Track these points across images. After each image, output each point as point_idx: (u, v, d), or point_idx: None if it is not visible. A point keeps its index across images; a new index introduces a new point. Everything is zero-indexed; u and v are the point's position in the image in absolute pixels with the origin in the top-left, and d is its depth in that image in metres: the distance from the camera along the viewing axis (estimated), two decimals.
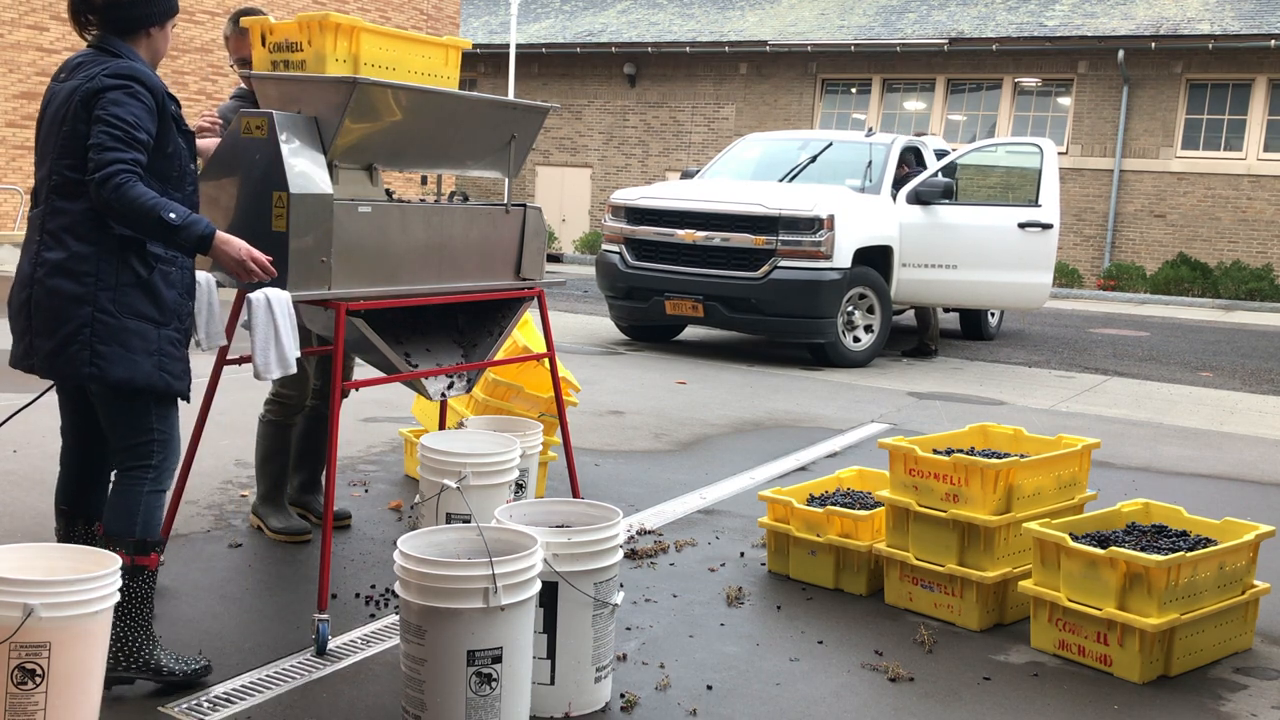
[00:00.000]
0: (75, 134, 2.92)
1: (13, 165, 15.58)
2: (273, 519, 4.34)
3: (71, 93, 2.94)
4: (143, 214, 2.86)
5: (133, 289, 2.96)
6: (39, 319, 2.94)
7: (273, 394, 4.32)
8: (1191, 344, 13.05)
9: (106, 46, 3.02)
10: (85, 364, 2.91)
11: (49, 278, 2.93)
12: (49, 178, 2.98)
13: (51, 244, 2.95)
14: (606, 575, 3.05)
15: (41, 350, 2.95)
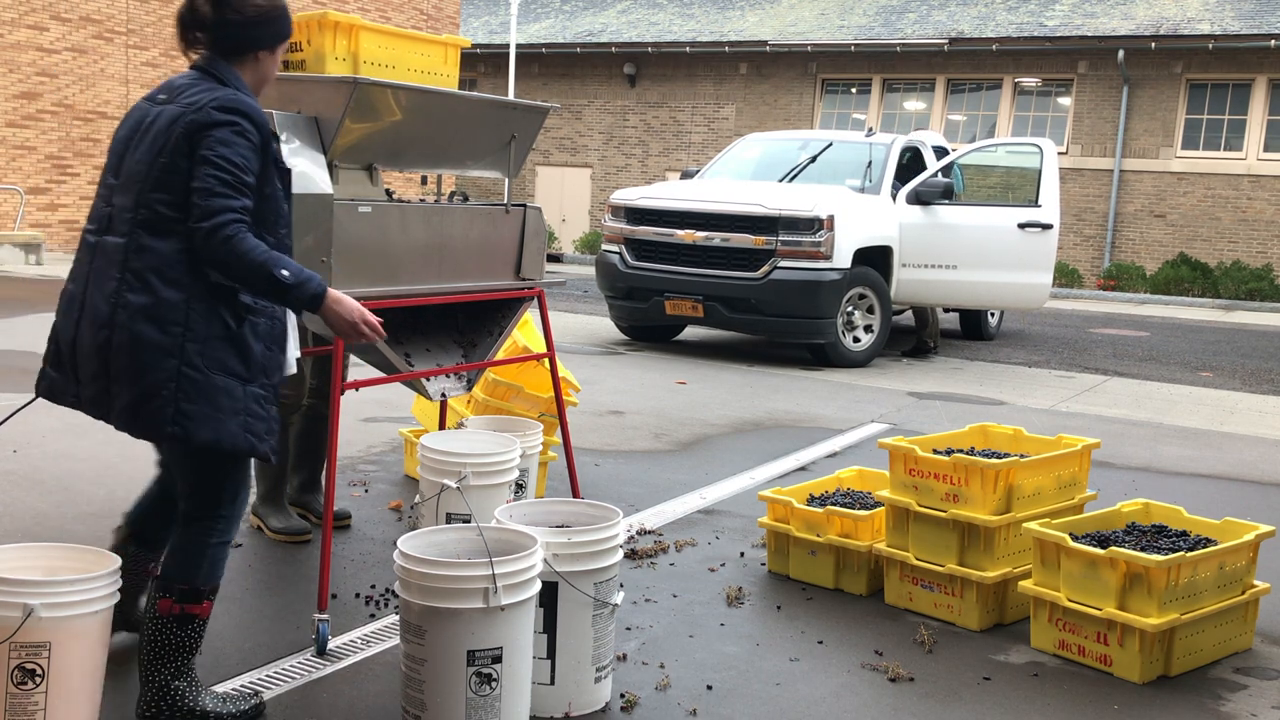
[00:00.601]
0: (173, 168, 2.71)
1: (13, 165, 15.58)
2: (273, 519, 4.34)
3: (174, 121, 2.73)
4: (253, 269, 2.68)
5: (221, 342, 2.74)
6: (118, 366, 2.69)
7: None
8: (1191, 344, 13.05)
9: (212, 70, 2.84)
10: (168, 422, 2.69)
11: (133, 323, 2.68)
12: (136, 210, 2.72)
13: (137, 285, 2.69)
14: (606, 575, 3.05)
15: (121, 400, 2.71)
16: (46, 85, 15.75)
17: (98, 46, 16.23)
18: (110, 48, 16.36)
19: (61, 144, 15.99)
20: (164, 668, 2.83)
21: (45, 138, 15.82)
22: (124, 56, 16.54)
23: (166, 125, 2.74)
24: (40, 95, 15.70)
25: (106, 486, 4.87)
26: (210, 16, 2.82)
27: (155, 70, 16.89)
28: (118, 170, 2.80)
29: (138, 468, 5.18)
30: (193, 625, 2.86)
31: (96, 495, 4.74)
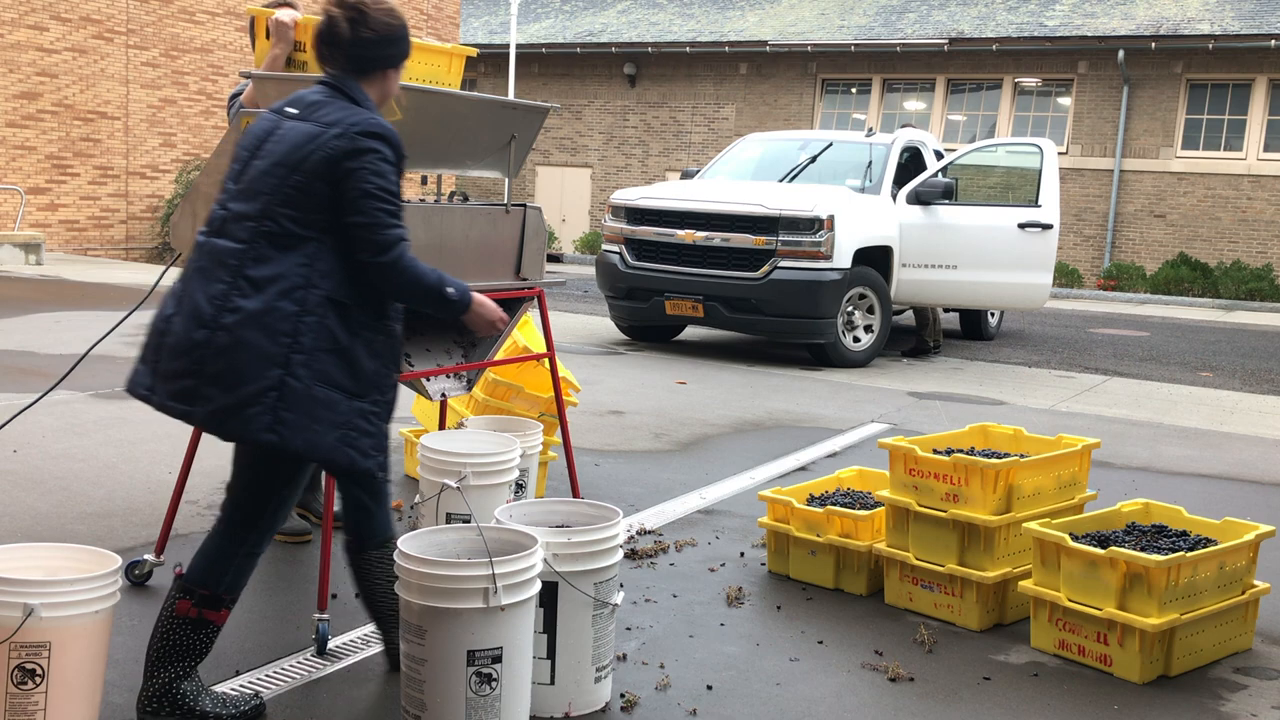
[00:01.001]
0: (307, 189, 2.76)
1: (13, 165, 15.58)
2: None
3: (311, 140, 2.78)
4: (426, 289, 2.84)
5: (328, 355, 2.76)
6: (215, 368, 2.69)
7: None
8: (1191, 344, 13.05)
9: (343, 87, 2.89)
10: (265, 429, 2.69)
11: (240, 327, 2.69)
12: (260, 220, 2.76)
13: (250, 292, 2.72)
14: (606, 575, 3.05)
15: (213, 402, 2.70)
16: (46, 85, 15.75)
17: (98, 46, 16.23)
18: (110, 48, 16.36)
19: (61, 144, 15.99)
20: (171, 667, 2.85)
21: (45, 138, 15.82)
22: (124, 56, 16.54)
23: (302, 142, 2.78)
24: (40, 95, 15.70)
25: (106, 487, 4.87)
26: (348, 35, 2.88)
27: (155, 70, 16.90)
28: (239, 177, 2.85)
29: (138, 468, 5.18)
30: (206, 630, 2.87)
31: (96, 495, 4.75)
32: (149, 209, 17.09)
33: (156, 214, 17.11)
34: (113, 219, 16.71)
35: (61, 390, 6.60)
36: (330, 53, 2.91)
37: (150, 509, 4.60)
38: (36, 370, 7.24)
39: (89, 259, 15.56)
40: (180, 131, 17.30)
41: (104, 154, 16.48)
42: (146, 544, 4.18)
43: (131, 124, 16.73)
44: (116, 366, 7.57)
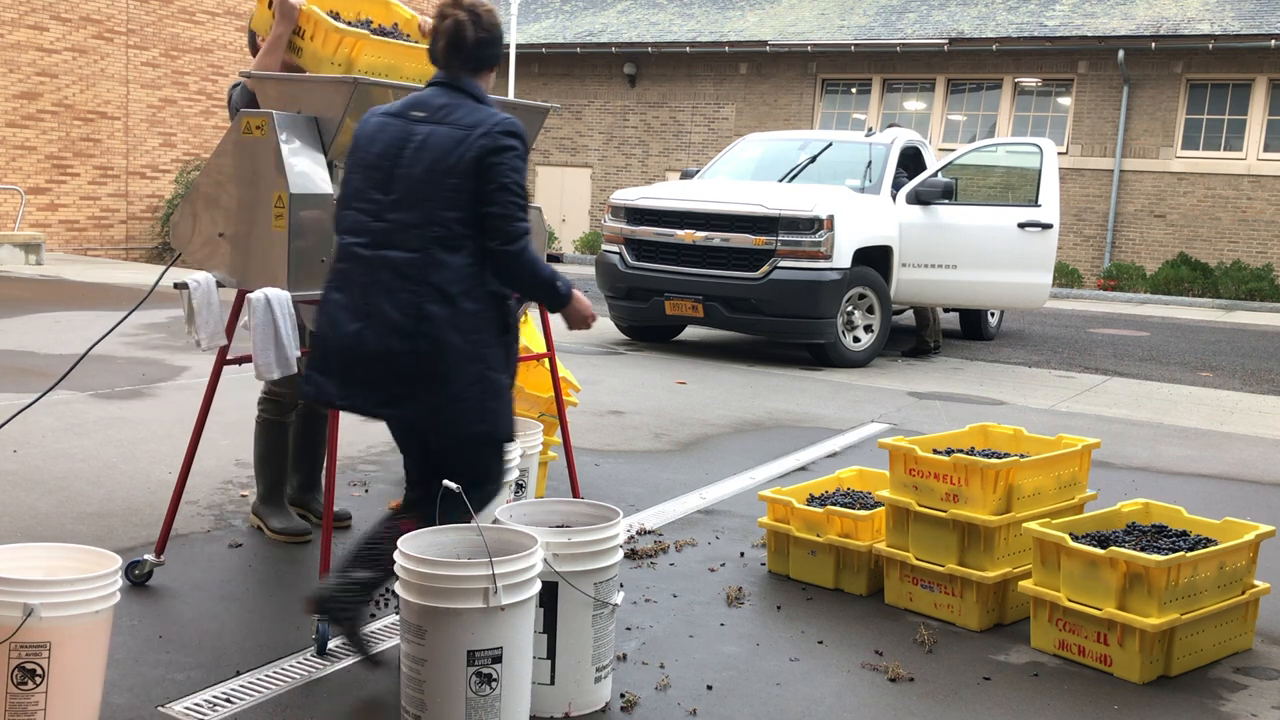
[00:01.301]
0: (463, 189, 2.93)
1: (13, 165, 15.58)
2: (273, 519, 4.34)
3: (460, 144, 2.94)
4: (541, 281, 3.05)
5: (499, 346, 3.03)
6: (425, 371, 2.92)
7: (266, 392, 4.31)
8: (1191, 344, 13.05)
9: (464, 87, 3.06)
10: (475, 420, 2.96)
11: (439, 332, 2.91)
12: (427, 226, 2.94)
13: (438, 298, 2.92)
14: (606, 575, 3.05)
15: (424, 403, 2.94)
16: (46, 85, 15.75)
17: (98, 46, 16.23)
18: (110, 48, 16.36)
19: (61, 144, 15.99)
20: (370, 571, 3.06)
21: (45, 138, 15.82)
22: (124, 56, 16.54)
23: (452, 146, 2.95)
24: (40, 95, 15.70)
25: (106, 487, 4.87)
26: (472, 37, 3.04)
27: (155, 70, 16.90)
28: (386, 186, 2.98)
29: (138, 468, 5.18)
30: None
31: (96, 495, 4.75)
32: (149, 209, 17.10)
33: (156, 214, 17.11)
34: (113, 219, 16.71)
35: (61, 390, 6.60)
36: (454, 55, 3.05)
37: (150, 509, 4.60)
38: (36, 370, 7.24)
39: (89, 259, 15.56)
40: (180, 131, 17.30)
41: (104, 154, 16.48)
42: (146, 544, 4.18)
43: (131, 124, 16.73)
44: (116, 366, 7.57)
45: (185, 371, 7.57)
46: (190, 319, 3.52)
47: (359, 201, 3.02)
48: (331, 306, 3.01)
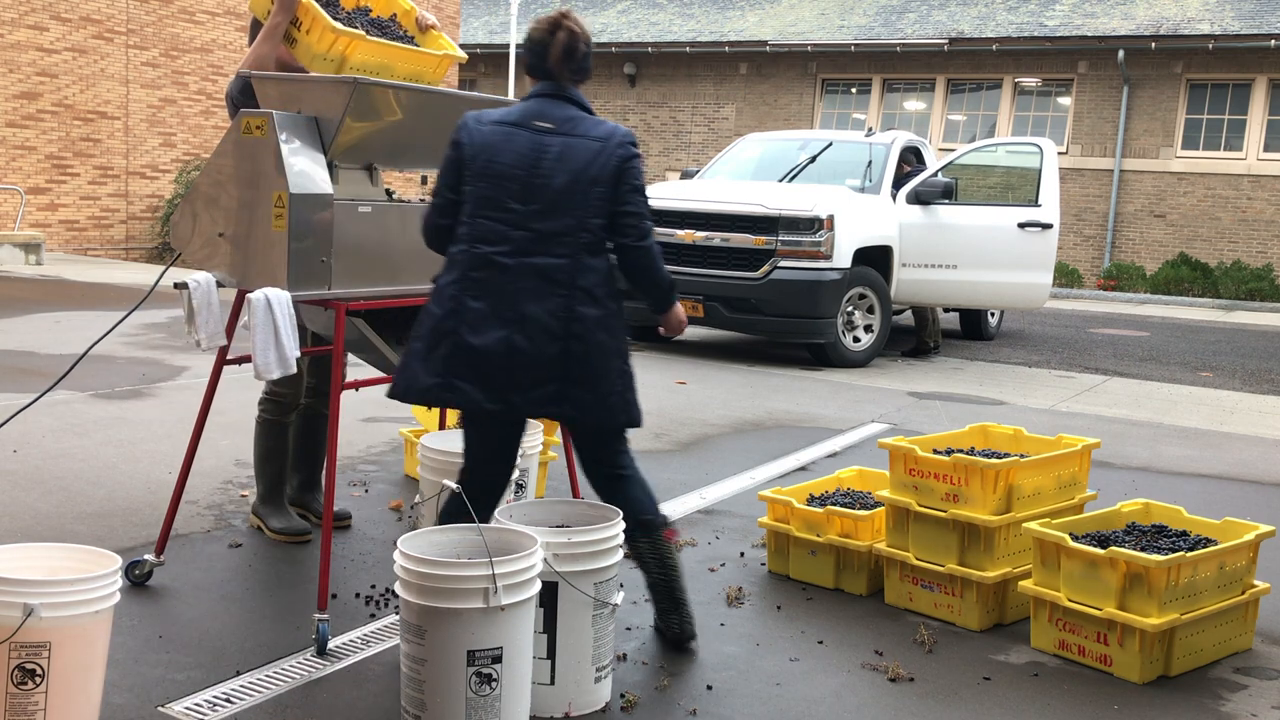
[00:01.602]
0: (605, 196, 3.18)
1: (13, 165, 15.58)
2: (273, 519, 4.34)
3: (599, 154, 3.18)
4: (662, 279, 3.31)
5: (626, 340, 3.28)
6: (581, 371, 3.14)
7: (267, 393, 4.31)
8: (1191, 344, 13.05)
9: (572, 97, 3.27)
10: (622, 412, 3.21)
11: (591, 333, 3.13)
12: (578, 234, 3.15)
13: (587, 301, 3.14)
14: (606, 575, 3.05)
15: (580, 401, 3.15)
16: (46, 85, 15.75)
17: (98, 46, 16.23)
18: (110, 48, 16.36)
19: (61, 144, 15.99)
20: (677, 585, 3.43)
21: (45, 138, 15.82)
22: (124, 56, 16.54)
23: (592, 158, 3.18)
24: (40, 95, 15.70)
25: (106, 487, 4.87)
26: (581, 50, 3.26)
27: (155, 70, 16.90)
28: (524, 196, 3.14)
29: (138, 468, 5.18)
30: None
31: (96, 495, 4.75)
32: (149, 209, 17.09)
33: (156, 214, 17.11)
34: (113, 219, 16.71)
35: (61, 390, 6.60)
36: (566, 66, 3.24)
37: (150, 509, 4.60)
38: (36, 370, 7.24)
39: (89, 259, 15.56)
40: (180, 131, 17.30)
41: (104, 154, 16.47)
42: (146, 544, 4.18)
43: (131, 124, 16.73)
44: (116, 366, 7.57)
45: (185, 371, 7.57)
46: (190, 319, 3.52)
47: (493, 210, 3.14)
48: (472, 315, 3.11)
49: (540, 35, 3.25)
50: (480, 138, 3.17)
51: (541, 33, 3.25)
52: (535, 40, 3.26)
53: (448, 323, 3.11)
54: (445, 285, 3.15)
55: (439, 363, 3.11)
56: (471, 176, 3.16)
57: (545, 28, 3.25)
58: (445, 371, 3.10)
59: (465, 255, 3.14)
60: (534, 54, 3.26)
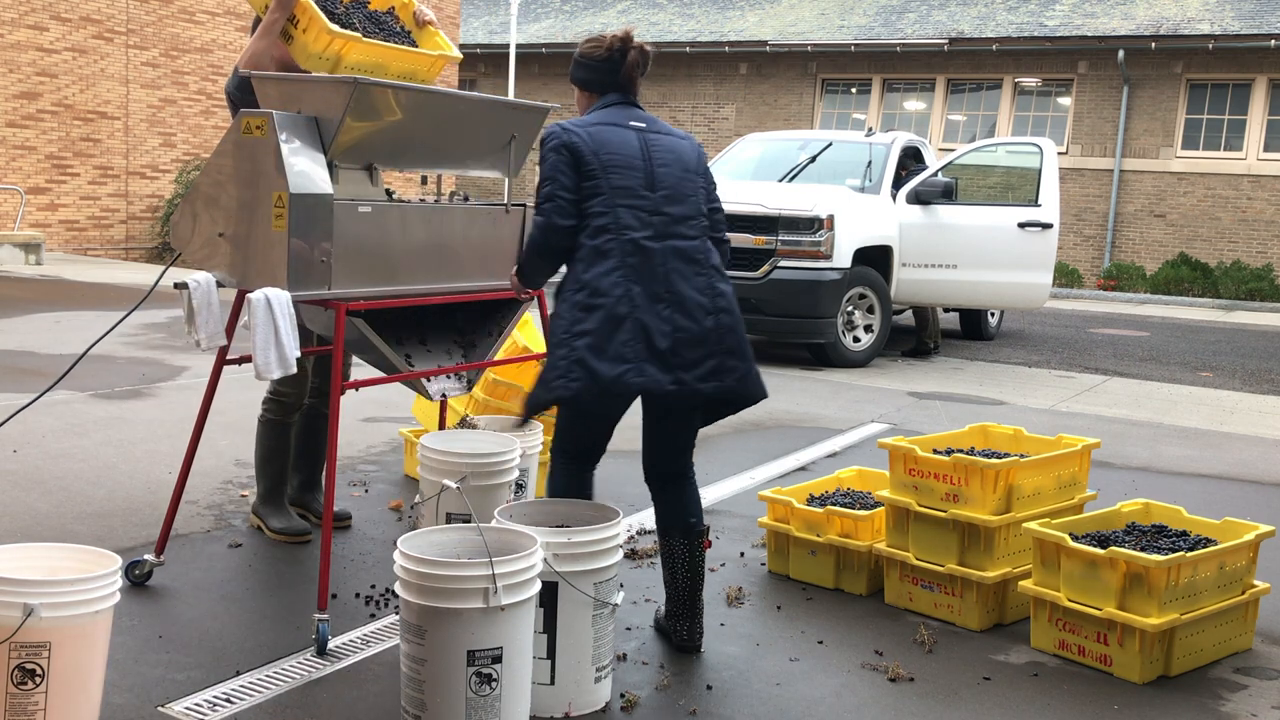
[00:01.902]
0: (703, 189, 3.45)
1: (13, 165, 15.58)
2: (273, 519, 4.34)
3: (692, 151, 3.47)
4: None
5: None
6: (731, 343, 3.32)
7: (270, 393, 4.31)
8: (1191, 344, 13.05)
9: (640, 106, 3.54)
10: (757, 382, 3.38)
11: (731, 307, 3.35)
12: (699, 218, 3.40)
13: (720, 278, 3.37)
14: (606, 575, 3.05)
15: (737, 372, 3.32)
16: (46, 85, 15.75)
17: (98, 46, 16.22)
18: (110, 48, 16.36)
19: (61, 144, 15.99)
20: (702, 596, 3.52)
21: (45, 138, 15.82)
22: (124, 56, 16.54)
23: (693, 155, 3.46)
24: (40, 95, 15.70)
25: (106, 486, 4.87)
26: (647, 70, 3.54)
27: (155, 70, 16.89)
28: (650, 185, 3.35)
29: (138, 468, 5.18)
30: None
31: (96, 495, 4.75)
32: (149, 209, 17.09)
33: (156, 214, 17.11)
34: (113, 219, 16.71)
35: (61, 390, 6.60)
36: (636, 82, 3.50)
37: (150, 509, 4.60)
38: (36, 370, 7.23)
39: (89, 259, 15.55)
40: (180, 131, 17.30)
41: (104, 154, 16.47)
42: (146, 544, 4.18)
43: (131, 124, 16.73)
44: (116, 366, 7.57)
45: (185, 371, 7.56)
46: (190, 319, 3.52)
47: (630, 198, 3.30)
48: (640, 298, 3.23)
49: (606, 54, 3.45)
50: (592, 135, 3.32)
51: (609, 51, 3.45)
52: (600, 59, 3.46)
53: (621, 308, 3.20)
54: (603, 274, 3.22)
55: (621, 348, 3.19)
56: (599, 170, 3.29)
57: (615, 46, 3.45)
58: (633, 357, 3.20)
59: (616, 243, 3.25)
60: (601, 70, 3.47)
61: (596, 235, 3.27)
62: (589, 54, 3.48)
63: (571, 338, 3.19)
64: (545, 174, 3.31)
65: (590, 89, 3.51)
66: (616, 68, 3.47)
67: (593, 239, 3.27)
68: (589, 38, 3.53)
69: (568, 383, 3.17)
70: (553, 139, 3.32)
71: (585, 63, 3.49)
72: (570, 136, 3.31)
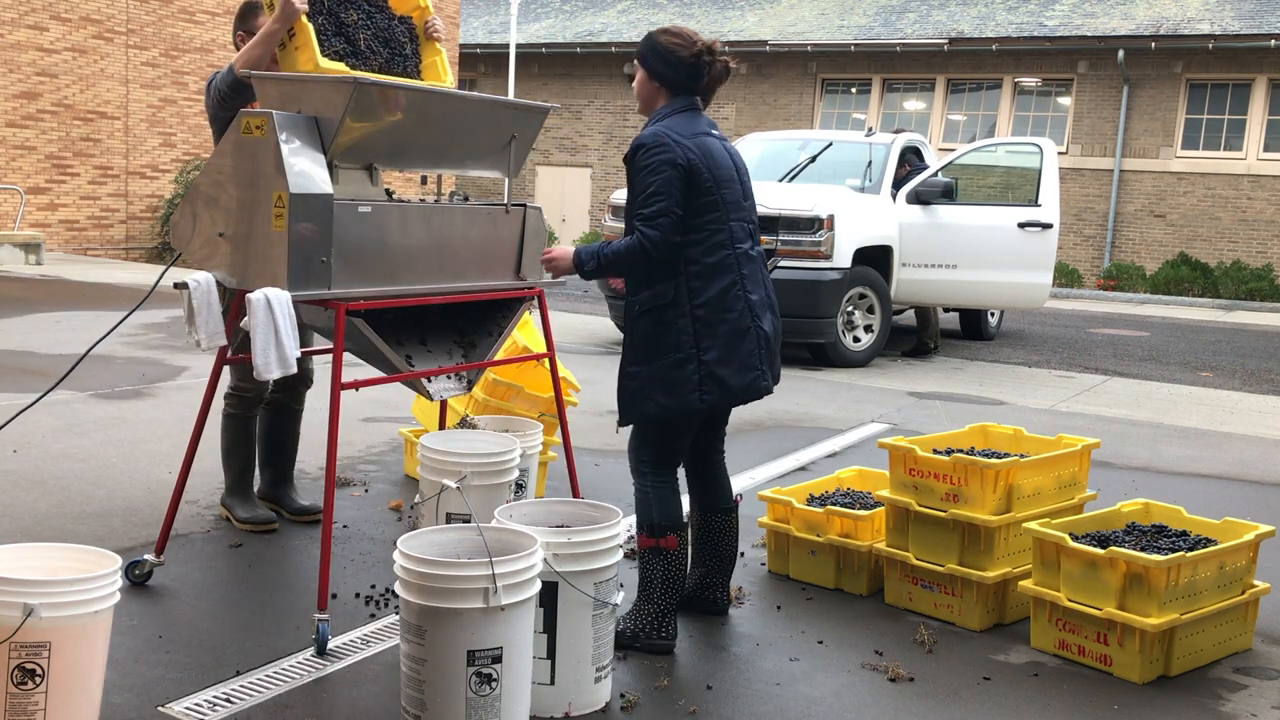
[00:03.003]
0: None
1: (13, 165, 15.58)
2: (239, 509, 4.42)
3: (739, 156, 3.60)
4: None
5: None
6: (779, 343, 3.60)
7: (231, 387, 4.41)
8: (1191, 344, 13.05)
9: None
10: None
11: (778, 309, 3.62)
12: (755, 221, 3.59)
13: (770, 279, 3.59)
14: (606, 575, 3.05)
15: (776, 371, 3.57)
16: (46, 85, 15.74)
17: (98, 46, 16.22)
18: (110, 48, 16.36)
19: (61, 144, 15.99)
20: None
21: (45, 138, 15.81)
22: (124, 56, 16.54)
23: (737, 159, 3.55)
24: (40, 95, 15.70)
25: (106, 486, 4.87)
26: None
27: (155, 70, 16.89)
28: (746, 194, 3.54)
29: (138, 468, 5.18)
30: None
31: (96, 495, 4.75)
32: (149, 209, 17.09)
33: (156, 214, 17.11)
34: (113, 219, 16.71)
35: (61, 390, 6.60)
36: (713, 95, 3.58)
37: (150, 509, 4.60)
38: (36, 370, 7.23)
39: (89, 259, 15.55)
40: (180, 131, 17.30)
41: (104, 154, 16.47)
42: (146, 544, 4.18)
43: (131, 124, 16.73)
44: (116, 366, 7.57)
45: (185, 371, 7.56)
46: (190, 319, 3.52)
47: (736, 211, 3.47)
48: (756, 307, 3.47)
49: (693, 58, 3.44)
50: (697, 149, 3.39)
51: (696, 56, 3.45)
52: (685, 59, 3.44)
53: (744, 321, 3.42)
54: (725, 290, 3.40)
55: (748, 358, 3.43)
56: (714, 186, 3.40)
57: (703, 52, 3.46)
58: (758, 364, 3.46)
59: (733, 257, 3.43)
60: (684, 71, 3.45)
61: (714, 252, 3.40)
62: (673, 49, 3.44)
63: (699, 352, 3.38)
64: (658, 188, 3.32)
65: (666, 85, 3.48)
66: (700, 74, 3.47)
67: (710, 255, 3.39)
68: (670, 29, 3.48)
69: (702, 395, 3.38)
70: (663, 151, 3.33)
71: (669, 59, 3.44)
72: (686, 154, 3.35)
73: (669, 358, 3.36)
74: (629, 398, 3.44)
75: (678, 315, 3.36)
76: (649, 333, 3.39)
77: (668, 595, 3.47)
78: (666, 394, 3.37)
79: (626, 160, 3.43)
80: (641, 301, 3.41)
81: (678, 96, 3.48)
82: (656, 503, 3.50)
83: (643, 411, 3.42)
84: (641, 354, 3.41)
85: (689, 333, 3.36)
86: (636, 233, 3.33)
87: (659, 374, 3.38)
